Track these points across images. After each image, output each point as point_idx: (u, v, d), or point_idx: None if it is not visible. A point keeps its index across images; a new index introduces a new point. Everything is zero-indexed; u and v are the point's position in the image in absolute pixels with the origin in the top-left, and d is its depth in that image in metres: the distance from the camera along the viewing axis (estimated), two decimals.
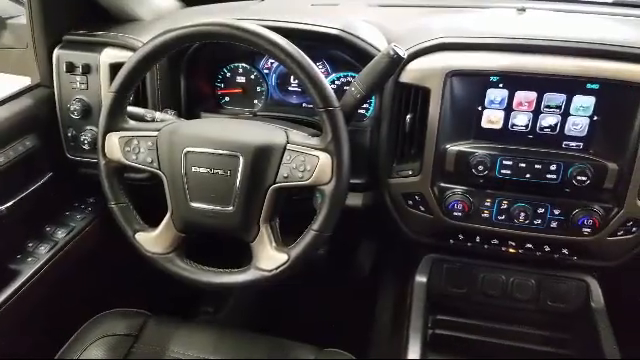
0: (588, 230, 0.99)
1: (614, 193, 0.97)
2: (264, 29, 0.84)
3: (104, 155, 0.94)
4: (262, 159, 0.87)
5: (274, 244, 0.90)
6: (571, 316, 1.12)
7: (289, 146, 0.87)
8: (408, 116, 1.02)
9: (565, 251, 1.05)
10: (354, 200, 1.13)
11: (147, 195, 0.99)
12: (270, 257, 0.89)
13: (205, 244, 1.17)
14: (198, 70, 1.19)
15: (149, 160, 0.92)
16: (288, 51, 0.83)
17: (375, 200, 1.14)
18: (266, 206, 0.88)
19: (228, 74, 1.25)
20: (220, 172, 0.88)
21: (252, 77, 1.24)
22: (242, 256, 0.96)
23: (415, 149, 1.05)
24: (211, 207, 0.89)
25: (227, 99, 1.26)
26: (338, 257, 1.58)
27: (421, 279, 1.15)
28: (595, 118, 0.96)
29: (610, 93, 0.94)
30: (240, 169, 0.87)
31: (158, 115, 1.04)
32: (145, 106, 1.12)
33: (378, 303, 1.46)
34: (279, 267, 0.88)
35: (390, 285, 1.45)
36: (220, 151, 0.88)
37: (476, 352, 1.16)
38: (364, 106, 1.19)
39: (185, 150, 0.89)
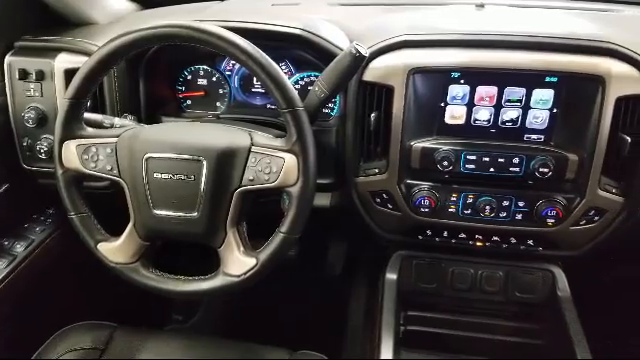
0: (552, 221, 1.01)
1: (576, 183, 0.99)
2: (223, 30, 0.83)
3: (61, 164, 0.91)
4: (226, 162, 0.85)
5: (242, 248, 0.88)
6: (539, 306, 1.15)
7: (254, 148, 0.86)
8: (372, 114, 1.02)
9: (531, 242, 1.07)
10: (322, 200, 1.13)
11: (108, 204, 0.96)
12: (238, 262, 0.87)
13: (172, 251, 1.14)
14: (158, 73, 1.17)
15: (109, 168, 0.90)
16: (249, 52, 0.82)
17: (343, 199, 1.14)
18: (232, 210, 0.87)
19: (189, 77, 1.22)
20: (183, 177, 0.86)
21: (214, 79, 1.22)
22: (211, 262, 0.94)
23: (381, 147, 1.05)
24: (175, 213, 0.87)
25: (189, 102, 1.24)
26: (309, 258, 1.57)
27: (391, 276, 1.15)
28: (555, 110, 0.98)
29: (568, 86, 0.96)
30: (204, 174, 0.85)
31: (117, 121, 1.02)
32: (103, 112, 1.09)
33: (350, 302, 1.46)
34: (248, 272, 0.87)
35: (362, 283, 1.46)
36: (182, 156, 0.86)
37: (448, 346, 1.16)
38: (329, 105, 1.19)
39: (146, 156, 0.87)
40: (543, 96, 0.97)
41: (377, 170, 1.06)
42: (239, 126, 0.97)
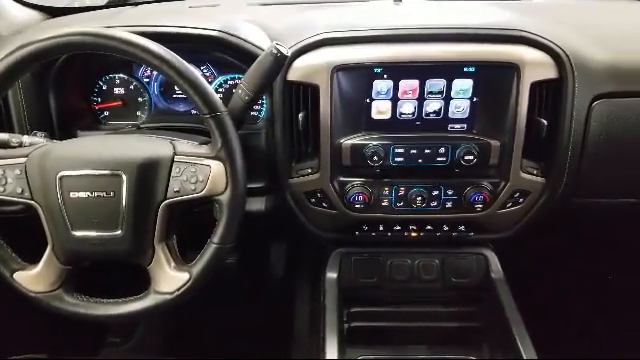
0: (480, 206, 1.04)
1: (499, 168, 1.03)
2: (133, 35, 0.78)
3: None
4: (148, 175, 0.81)
5: (173, 264, 0.85)
6: (475, 289, 1.18)
7: (177, 157, 0.83)
8: (300, 114, 1.01)
9: (462, 228, 1.10)
10: (256, 205, 1.11)
11: (23, 229, 0.89)
12: (170, 278, 0.84)
13: (99, 273, 1.08)
14: (70, 85, 1.10)
15: (19, 190, 0.83)
16: (162, 57, 0.78)
17: (278, 202, 1.12)
18: (159, 225, 0.83)
19: (105, 86, 1.16)
20: (102, 194, 0.81)
21: (132, 87, 1.16)
22: (142, 280, 0.89)
23: (311, 147, 1.05)
24: (97, 233, 0.82)
25: (106, 113, 1.17)
26: (250, 263, 1.54)
27: (331, 275, 1.15)
28: (475, 99, 1.01)
29: (486, 74, 0.99)
30: (124, 189, 0.81)
31: (26, 139, 0.94)
32: (10, 130, 1.01)
33: (295, 304, 1.45)
34: (181, 287, 0.84)
35: (305, 284, 1.45)
36: (100, 171, 0.81)
37: (392, 338, 1.18)
38: (256, 108, 1.16)
39: (59, 175, 0.81)
40: (463, 86, 1.00)
41: (309, 170, 1.05)
42: (161, 135, 0.93)
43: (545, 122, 0.99)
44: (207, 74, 1.15)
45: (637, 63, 1.01)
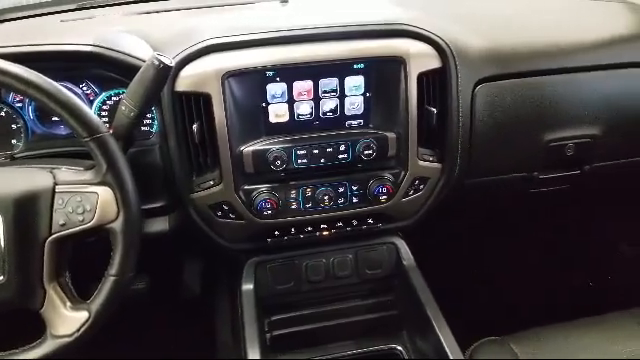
0: (384, 197, 1.07)
1: (398, 159, 1.06)
2: None
3: None
4: (27, 211, 0.74)
5: (69, 303, 0.78)
6: (389, 278, 1.21)
7: (59, 187, 0.76)
8: (194, 125, 0.97)
9: (370, 220, 1.12)
10: (159, 225, 1.05)
11: None
12: (67, 319, 0.77)
13: None
14: None
15: None
16: (27, 79, 0.71)
17: (182, 219, 1.07)
18: (47, 264, 0.76)
19: None
20: None
21: (2, 114, 1.04)
22: (36, 325, 0.81)
23: (210, 158, 1.01)
24: None
25: None
26: (163, 286, 1.47)
27: (247, 286, 1.12)
28: (368, 95, 1.02)
29: (375, 70, 1.01)
30: (1, 230, 0.73)
31: None
32: None
33: (215, 321, 1.40)
34: (81, 328, 0.77)
35: (223, 300, 1.40)
36: None
37: (316, 340, 1.18)
38: (147, 122, 1.10)
39: None
40: (355, 83, 1.01)
41: (212, 182, 1.02)
42: (40, 164, 0.85)
43: (434, 110, 1.03)
44: (87, 92, 1.06)
45: (510, 47, 1.09)
